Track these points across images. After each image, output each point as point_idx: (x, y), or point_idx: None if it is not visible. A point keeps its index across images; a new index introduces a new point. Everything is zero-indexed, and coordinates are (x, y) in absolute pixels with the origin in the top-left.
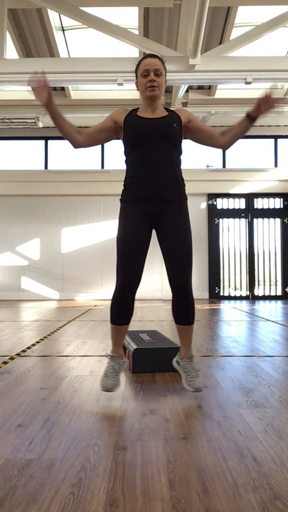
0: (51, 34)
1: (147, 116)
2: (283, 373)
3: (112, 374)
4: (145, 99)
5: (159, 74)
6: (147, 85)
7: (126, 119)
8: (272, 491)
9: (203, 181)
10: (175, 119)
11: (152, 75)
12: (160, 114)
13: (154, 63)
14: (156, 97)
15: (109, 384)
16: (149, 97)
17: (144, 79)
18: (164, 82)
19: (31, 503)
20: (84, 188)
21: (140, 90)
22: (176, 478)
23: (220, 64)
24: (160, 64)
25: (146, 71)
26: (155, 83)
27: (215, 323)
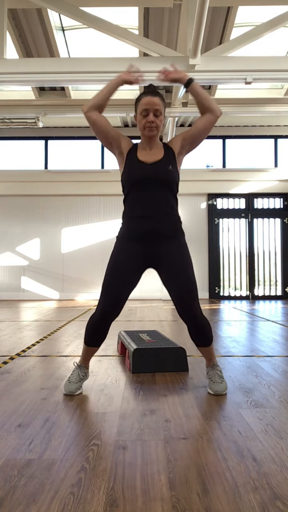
0: (51, 34)
1: (145, 157)
2: (283, 373)
3: (77, 380)
4: (143, 137)
5: (158, 115)
6: (146, 125)
7: (129, 154)
8: (272, 491)
9: (203, 181)
10: (170, 158)
11: (151, 116)
12: (157, 155)
13: (154, 103)
14: (154, 137)
15: (72, 388)
16: (148, 136)
17: (143, 119)
18: (162, 122)
19: (31, 503)
20: (84, 188)
21: (138, 127)
22: (176, 478)
23: (220, 64)
24: (160, 103)
25: (145, 111)
26: (153, 124)
27: (215, 323)
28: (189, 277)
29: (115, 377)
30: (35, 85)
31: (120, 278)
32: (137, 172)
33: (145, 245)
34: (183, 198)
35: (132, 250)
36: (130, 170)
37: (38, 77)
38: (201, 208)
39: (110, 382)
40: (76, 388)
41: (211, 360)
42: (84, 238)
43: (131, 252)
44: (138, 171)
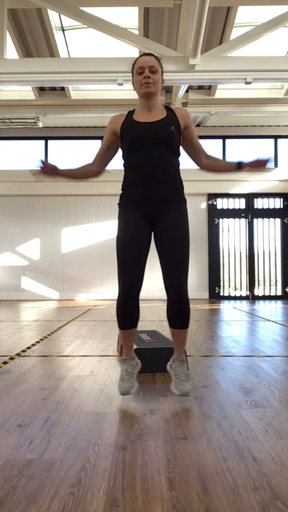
0: (51, 34)
1: (144, 119)
2: (283, 373)
3: (127, 377)
4: (141, 97)
5: (154, 71)
6: (142, 82)
7: (123, 125)
8: (272, 491)
9: (203, 181)
10: (173, 121)
11: (147, 72)
12: (157, 115)
13: (149, 61)
14: (151, 94)
15: (126, 387)
16: (145, 94)
17: (139, 76)
18: (160, 80)
19: (31, 503)
20: (84, 188)
21: (135, 88)
22: (176, 478)
23: (220, 64)
24: (155, 62)
25: (141, 68)
26: (150, 80)
27: (215, 323)
28: (183, 250)
29: (115, 377)
30: (35, 85)
31: (133, 246)
32: (137, 131)
33: (146, 208)
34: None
35: (136, 214)
36: (128, 133)
37: (38, 77)
38: (201, 208)
39: (110, 382)
40: (130, 387)
41: (181, 351)
42: (84, 238)
43: (136, 218)
44: (138, 130)
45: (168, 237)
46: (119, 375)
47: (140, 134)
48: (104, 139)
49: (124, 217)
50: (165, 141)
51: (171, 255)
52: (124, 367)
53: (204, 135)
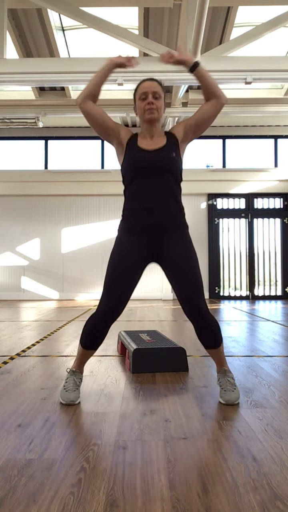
0: (51, 34)
1: (146, 145)
2: (283, 373)
3: (74, 387)
4: (143, 123)
5: (158, 98)
6: (146, 108)
7: (129, 143)
8: (272, 491)
9: (203, 181)
10: (173, 145)
11: (151, 98)
12: (159, 142)
13: (152, 86)
14: (154, 120)
15: (72, 397)
16: (148, 120)
17: (142, 102)
18: (163, 106)
19: (31, 503)
20: (84, 188)
21: (138, 114)
22: (176, 478)
23: (220, 64)
24: (159, 87)
25: (144, 94)
26: (153, 106)
27: None
28: (196, 275)
29: (115, 377)
30: (35, 85)
31: (123, 275)
32: (138, 160)
33: (148, 239)
34: (183, 198)
35: (134, 245)
36: (131, 158)
37: (38, 77)
38: (201, 208)
39: (110, 382)
40: (76, 397)
41: (221, 365)
42: (84, 238)
43: (133, 247)
44: (140, 159)
45: (178, 270)
46: (63, 385)
47: (142, 162)
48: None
49: (121, 243)
50: (167, 169)
51: (186, 283)
52: (72, 378)
53: (204, 135)
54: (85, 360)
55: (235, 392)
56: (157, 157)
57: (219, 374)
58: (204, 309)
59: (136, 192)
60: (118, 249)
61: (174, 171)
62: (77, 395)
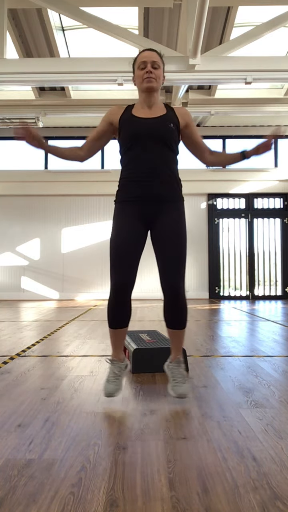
0: (51, 34)
1: (143, 114)
2: (283, 373)
3: (113, 378)
4: (141, 93)
5: (157, 67)
6: (144, 76)
7: (122, 119)
8: (272, 491)
9: (203, 181)
10: (173, 119)
11: (149, 67)
12: (157, 112)
13: (152, 56)
14: (153, 89)
15: (110, 389)
16: (146, 88)
17: (141, 71)
18: (162, 76)
19: (31, 503)
20: (84, 188)
21: (136, 83)
22: (176, 478)
23: (220, 64)
24: (158, 57)
25: (143, 63)
26: (152, 75)
27: (215, 323)
28: (180, 250)
29: None
30: (35, 85)
31: (126, 246)
32: (134, 128)
33: (143, 207)
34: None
35: (131, 214)
36: (126, 127)
37: (38, 77)
38: (201, 208)
39: None
40: (115, 389)
41: (178, 352)
42: (84, 238)
43: (132, 216)
44: (136, 127)
45: (165, 235)
46: (106, 376)
47: (138, 129)
48: (99, 127)
49: (119, 215)
50: (163, 137)
51: (168, 253)
52: (112, 369)
53: (204, 135)
54: (119, 343)
55: (186, 385)
56: (153, 124)
57: (174, 363)
58: (182, 290)
59: (132, 160)
60: (117, 220)
61: (169, 141)
62: (117, 387)
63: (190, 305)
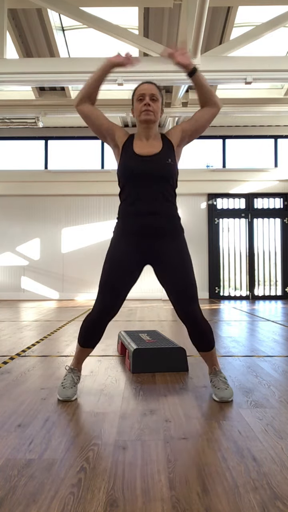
0: (51, 34)
1: (141, 149)
2: (283, 373)
3: (71, 384)
4: (140, 124)
5: (155, 100)
6: (142, 109)
7: (124, 147)
8: (272, 491)
9: (203, 181)
10: (169, 151)
11: (148, 99)
12: (154, 147)
13: (150, 89)
14: (150, 122)
15: (69, 393)
16: (144, 121)
17: (139, 104)
18: (160, 109)
19: (31, 503)
20: (84, 188)
21: (135, 115)
22: (176, 478)
23: (220, 64)
24: (156, 91)
25: (141, 95)
26: (150, 108)
27: (215, 323)
28: (189, 279)
29: (115, 377)
30: (35, 85)
31: (119, 275)
32: (133, 166)
33: (143, 240)
34: (183, 198)
35: (129, 245)
36: (126, 164)
37: (38, 77)
38: (201, 208)
39: (110, 382)
40: (73, 394)
41: (213, 366)
42: (84, 238)
43: (129, 247)
44: (135, 165)
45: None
46: (61, 382)
47: (137, 168)
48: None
49: (116, 245)
50: (162, 176)
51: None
52: (71, 376)
53: (204, 135)
54: (83, 358)
55: (228, 390)
56: (152, 163)
57: (211, 375)
58: (199, 316)
59: (130, 196)
60: (113, 250)
61: (169, 177)
62: (74, 392)
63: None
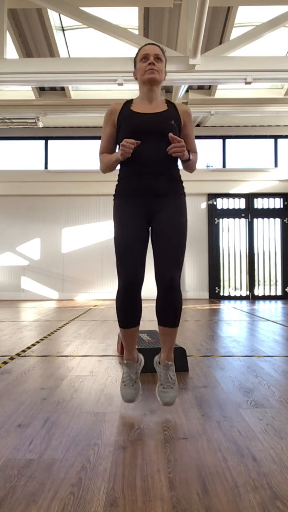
0: (51, 34)
1: (143, 109)
2: (283, 373)
3: (130, 382)
4: (143, 85)
5: (159, 60)
6: (146, 68)
7: (120, 115)
8: (272, 491)
9: (203, 181)
10: (174, 115)
11: (152, 59)
12: (157, 107)
13: (154, 49)
14: (155, 82)
15: (129, 395)
16: (148, 80)
17: (143, 63)
18: (164, 70)
19: (31, 503)
20: (84, 188)
21: (138, 76)
22: (176, 478)
23: (220, 64)
24: (160, 52)
25: (145, 55)
26: (154, 67)
27: (215, 323)
28: (179, 242)
29: (115, 377)
30: (35, 85)
31: (132, 243)
32: (135, 123)
33: (145, 200)
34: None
35: (133, 209)
36: (126, 123)
37: (38, 77)
38: (201, 208)
39: (110, 382)
40: (134, 394)
41: (169, 354)
42: (84, 238)
43: (133, 211)
44: (136, 121)
45: (164, 225)
46: (121, 379)
47: (138, 126)
48: (106, 132)
49: (122, 211)
50: (164, 133)
51: (166, 241)
52: (127, 372)
53: (204, 135)
54: (131, 343)
55: (172, 392)
56: (154, 120)
57: (162, 366)
58: (176, 284)
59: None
60: (120, 217)
61: None
62: (135, 391)
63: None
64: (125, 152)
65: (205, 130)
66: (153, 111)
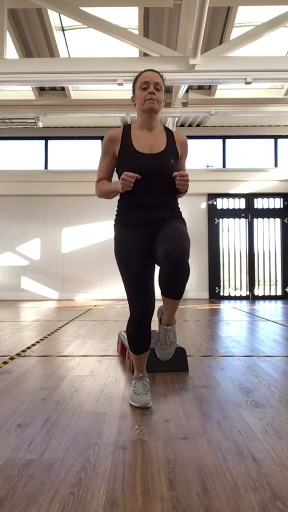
0: (51, 34)
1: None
2: (283, 373)
3: (144, 391)
4: (142, 114)
5: (159, 89)
6: (146, 97)
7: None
8: (272, 491)
9: (203, 181)
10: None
11: (152, 88)
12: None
13: (155, 77)
14: (154, 111)
15: (145, 399)
16: (148, 110)
17: (142, 92)
18: (162, 99)
19: (31, 503)
20: (84, 188)
21: (137, 103)
22: (176, 478)
23: (220, 64)
24: (160, 79)
25: (145, 83)
26: (154, 96)
27: (215, 323)
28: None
29: (115, 377)
30: (35, 85)
31: (140, 272)
32: (135, 164)
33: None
34: (183, 198)
35: (137, 238)
36: (127, 161)
37: (38, 77)
38: (201, 208)
39: (110, 382)
40: (148, 400)
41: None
42: (84, 238)
43: (137, 240)
44: (137, 162)
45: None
46: (133, 390)
47: (140, 166)
48: (106, 160)
49: (124, 240)
50: (165, 175)
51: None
52: (141, 382)
53: (204, 135)
54: (143, 363)
55: (171, 347)
56: (156, 162)
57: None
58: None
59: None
60: (124, 247)
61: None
62: (149, 395)
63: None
64: (125, 186)
65: (205, 130)
66: (153, 148)
